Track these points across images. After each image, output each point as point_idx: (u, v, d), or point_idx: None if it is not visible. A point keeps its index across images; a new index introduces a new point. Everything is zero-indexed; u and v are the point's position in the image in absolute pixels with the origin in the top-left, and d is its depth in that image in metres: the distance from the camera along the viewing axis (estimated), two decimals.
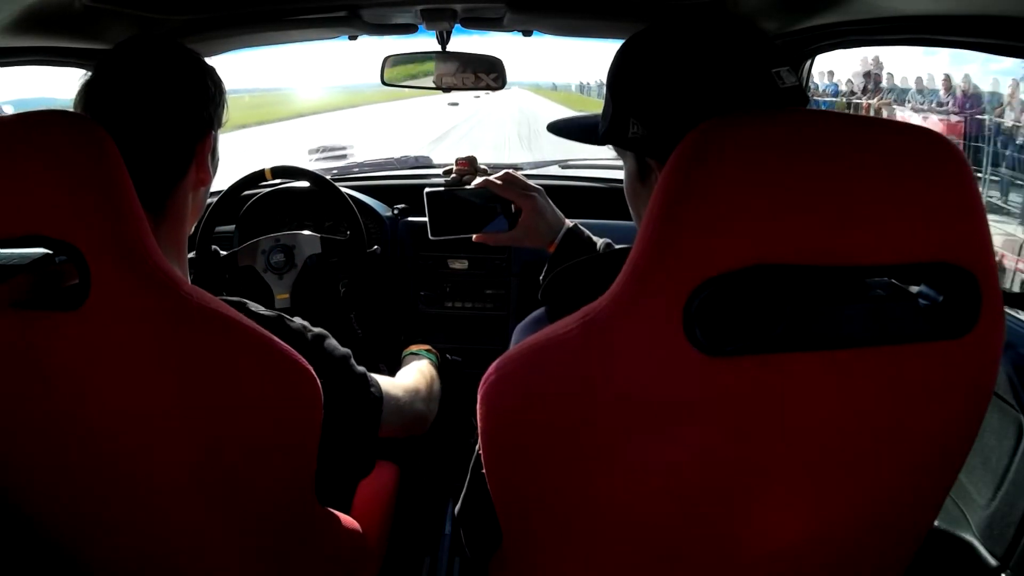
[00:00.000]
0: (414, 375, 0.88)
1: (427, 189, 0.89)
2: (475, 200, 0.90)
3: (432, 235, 0.90)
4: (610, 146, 0.63)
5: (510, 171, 0.90)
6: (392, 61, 1.23)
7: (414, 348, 1.03)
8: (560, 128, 0.75)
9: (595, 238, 0.89)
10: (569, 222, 0.90)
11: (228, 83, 0.67)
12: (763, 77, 0.51)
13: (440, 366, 0.99)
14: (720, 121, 0.40)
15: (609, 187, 1.55)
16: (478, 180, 0.89)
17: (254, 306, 0.63)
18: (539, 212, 0.88)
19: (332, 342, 0.67)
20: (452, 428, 1.08)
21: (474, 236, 0.90)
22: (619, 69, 0.58)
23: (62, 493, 0.57)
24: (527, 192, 0.89)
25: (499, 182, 0.88)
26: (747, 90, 0.51)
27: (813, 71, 1.11)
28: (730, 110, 0.39)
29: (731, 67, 0.52)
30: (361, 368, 0.69)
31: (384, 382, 0.74)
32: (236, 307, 0.56)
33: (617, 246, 0.86)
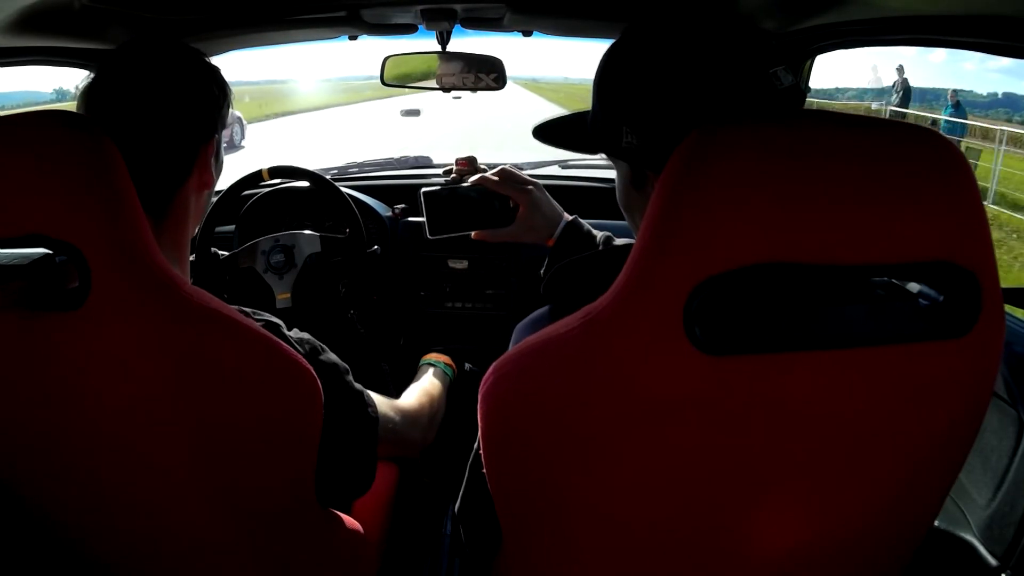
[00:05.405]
0: (418, 397, 0.86)
1: (423, 189, 0.90)
2: (472, 198, 0.90)
3: (430, 235, 0.90)
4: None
5: (506, 167, 0.90)
6: (392, 61, 1.23)
7: (432, 358, 1.01)
8: (546, 132, 0.70)
9: (595, 231, 0.88)
10: (568, 216, 0.90)
11: (228, 78, 0.67)
12: (761, 79, 0.50)
13: (456, 378, 0.98)
14: (720, 122, 0.40)
15: (610, 187, 1.55)
16: (474, 177, 0.89)
17: (256, 313, 0.62)
18: (536, 206, 0.87)
19: (331, 355, 0.65)
20: (455, 430, 1.08)
21: (473, 233, 0.90)
22: (607, 72, 0.55)
23: (63, 493, 0.57)
24: (523, 187, 0.88)
25: (495, 178, 0.88)
26: (745, 95, 0.50)
27: None
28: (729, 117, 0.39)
29: (728, 72, 0.50)
30: (359, 385, 0.68)
31: (382, 403, 0.72)
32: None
33: (617, 240, 0.85)
